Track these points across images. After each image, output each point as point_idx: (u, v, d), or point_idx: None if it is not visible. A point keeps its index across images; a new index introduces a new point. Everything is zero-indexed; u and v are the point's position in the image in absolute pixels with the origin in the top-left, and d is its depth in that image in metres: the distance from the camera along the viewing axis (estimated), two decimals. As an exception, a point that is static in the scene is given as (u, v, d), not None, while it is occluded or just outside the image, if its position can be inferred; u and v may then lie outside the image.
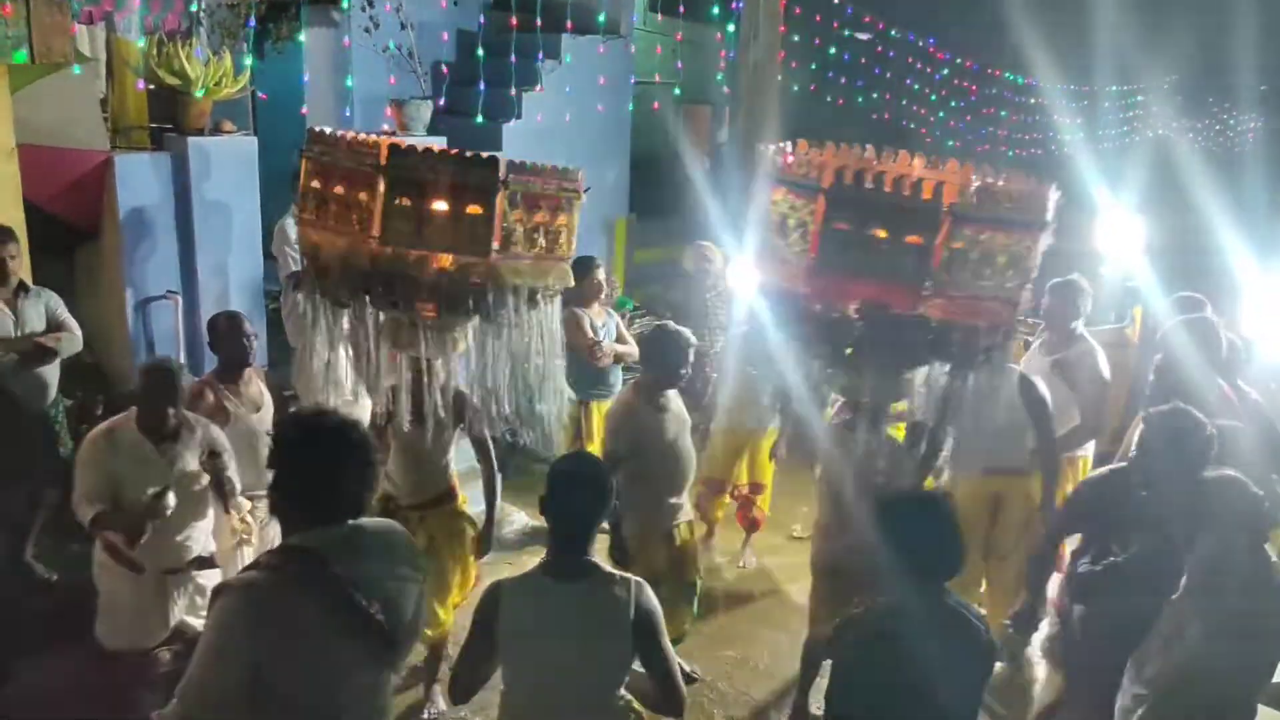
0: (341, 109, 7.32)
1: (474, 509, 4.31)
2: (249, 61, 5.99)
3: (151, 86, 5.61)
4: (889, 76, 12.10)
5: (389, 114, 7.03)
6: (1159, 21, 13.40)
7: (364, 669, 2.28)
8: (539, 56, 8.03)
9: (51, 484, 4.62)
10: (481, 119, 7.27)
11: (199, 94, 5.51)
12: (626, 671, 2.66)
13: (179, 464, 3.74)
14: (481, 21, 7.63)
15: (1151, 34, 13.31)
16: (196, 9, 6.09)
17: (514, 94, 7.76)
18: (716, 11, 8.74)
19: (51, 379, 4.77)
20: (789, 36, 8.99)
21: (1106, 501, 3.66)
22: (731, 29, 8.68)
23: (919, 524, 2.71)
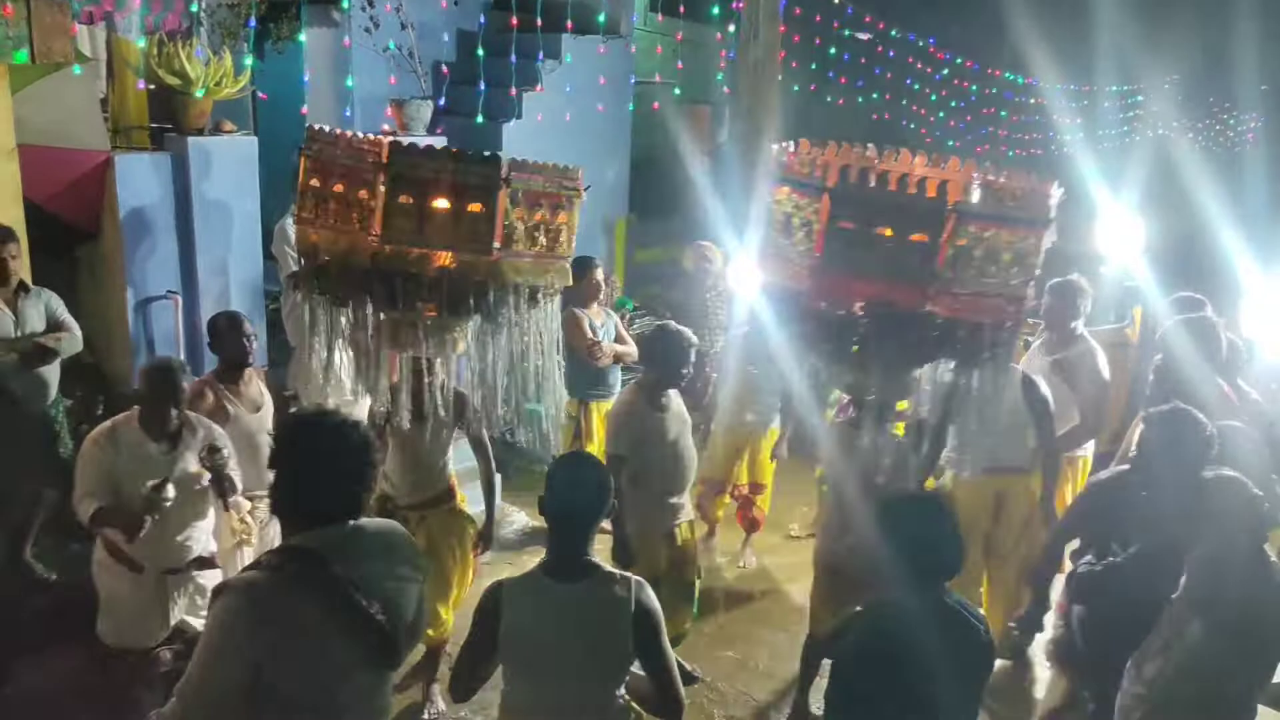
0: (342, 109, 7.31)
1: (473, 509, 4.32)
2: (249, 61, 5.98)
3: (152, 86, 5.60)
4: (889, 76, 12.09)
5: (389, 114, 7.03)
6: (1159, 21, 13.40)
7: (364, 669, 2.28)
8: (539, 56, 8.03)
9: (51, 484, 4.63)
10: (481, 119, 7.26)
11: (199, 94, 5.51)
12: (626, 671, 2.66)
13: (180, 464, 3.74)
14: (482, 21, 7.62)
15: (1152, 34, 13.31)
16: (197, 9, 6.08)
17: (514, 94, 7.76)
18: (716, 11, 8.74)
19: (52, 379, 4.78)
20: (789, 36, 8.98)
21: (1113, 505, 3.66)
22: (731, 29, 8.67)
23: (918, 524, 2.71)
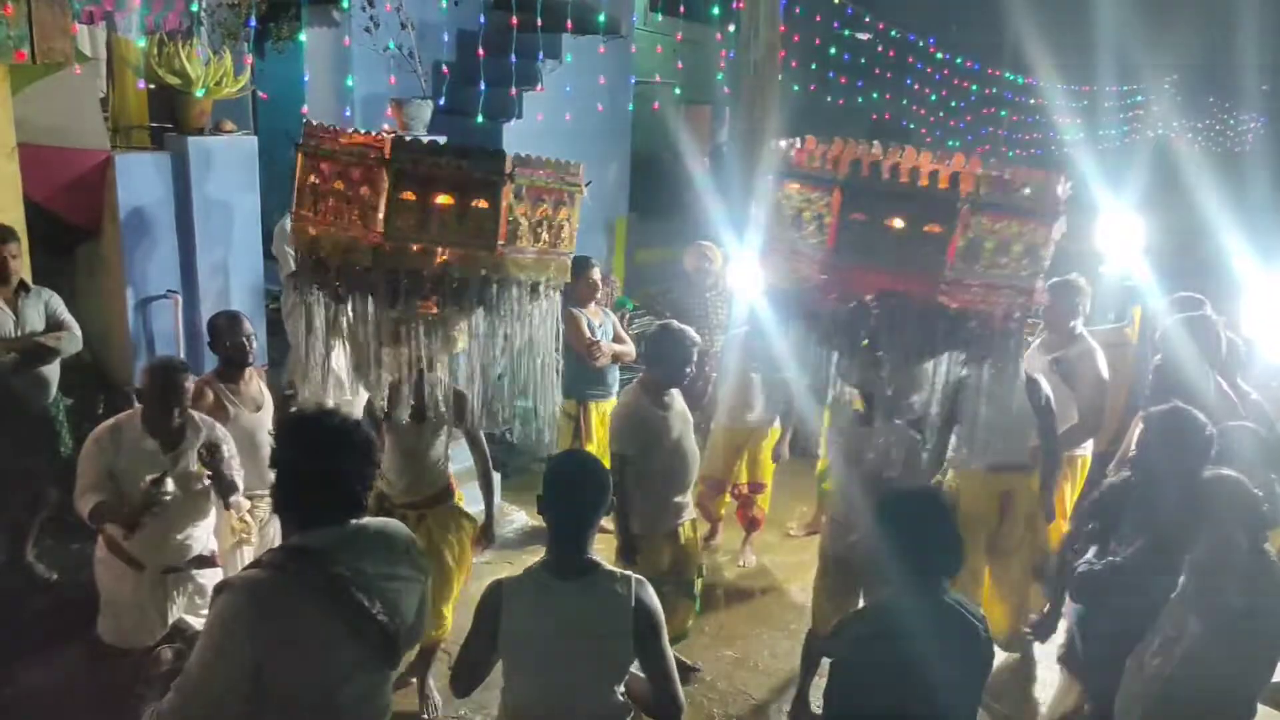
0: (342, 109, 7.32)
1: (472, 508, 4.32)
2: (250, 61, 5.98)
3: (152, 86, 5.60)
4: (889, 76, 12.10)
5: (389, 114, 7.03)
6: (1159, 21, 13.40)
7: (365, 669, 2.28)
8: (539, 56, 8.03)
9: (52, 483, 4.63)
10: (482, 118, 7.27)
11: (199, 93, 5.51)
12: (626, 670, 2.66)
13: (182, 462, 3.73)
14: (481, 21, 7.63)
15: (1152, 33, 13.32)
16: (197, 8, 6.08)
17: (514, 94, 7.76)
18: (717, 11, 8.74)
19: (52, 378, 4.77)
20: (789, 36, 8.98)
21: (1121, 506, 3.65)
22: (731, 29, 8.68)
23: (918, 523, 2.71)
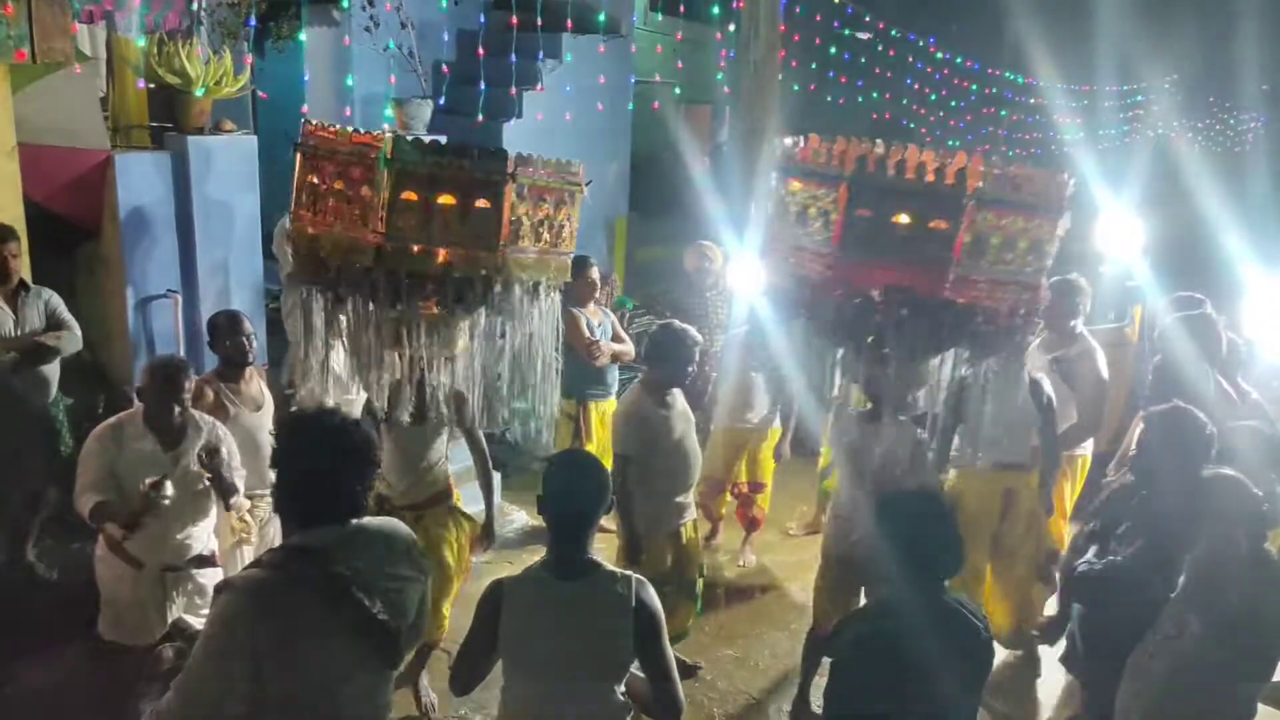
0: (342, 108, 7.32)
1: (470, 508, 4.31)
2: (249, 60, 5.98)
3: (152, 85, 5.60)
4: (889, 76, 12.10)
5: (389, 113, 7.04)
6: (1160, 21, 13.41)
7: (365, 668, 2.28)
8: (539, 56, 8.03)
9: (53, 483, 4.63)
10: (482, 118, 7.27)
11: (199, 93, 5.51)
12: (626, 670, 2.66)
13: (183, 461, 3.73)
14: (482, 21, 7.63)
15: (1152, 33, 13.32)
16: (197, 8, 6.08)
17: (514, 93, 7.76)
18: (717, 11, 8.75)
19: (52, 377, 4.78)
20: (789, 35, 8.99)
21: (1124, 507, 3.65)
22: (732, 28, 8.68)
23: (918, 523, 2.71)
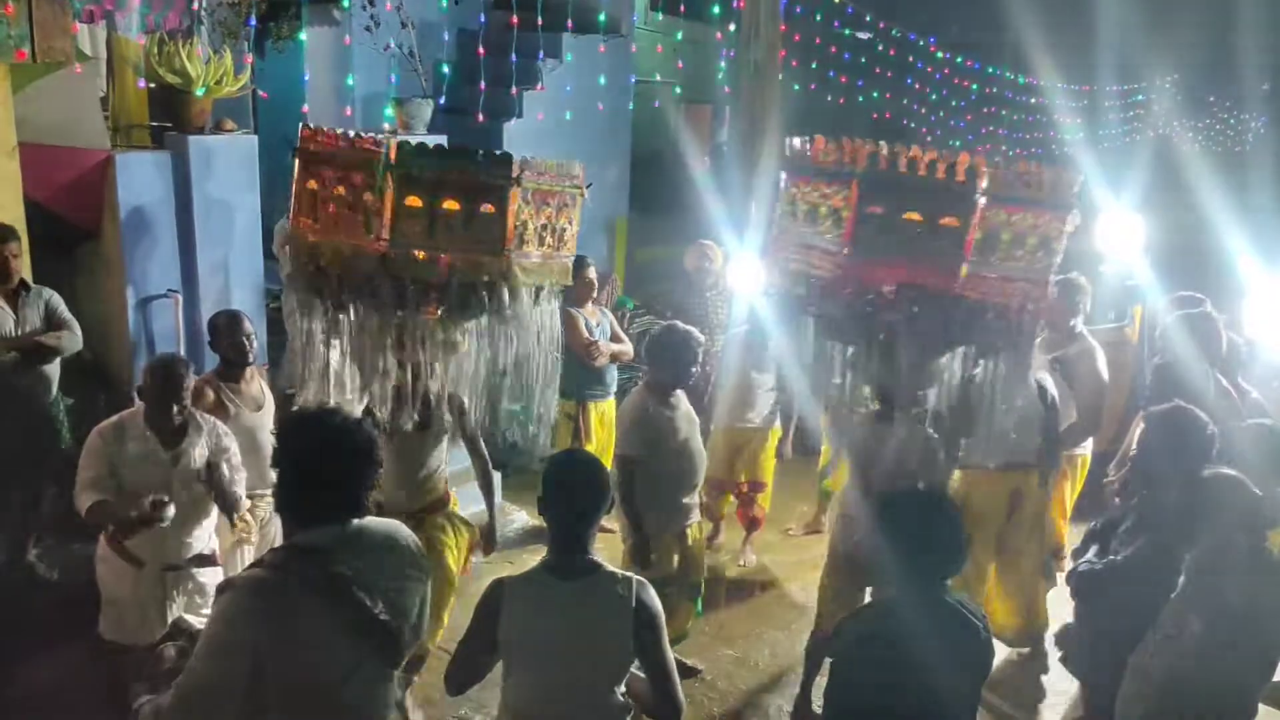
0: (342, 108, 7.31)
1: (473, 508, 4.31)
2: (250, 60, 5.98)
3: (152, 85, 5.59)
4: (889, 76, 12.09)
5: (390, 113, 7.03)
6: (1160, 20, 13.40)
7: (367, 668, 2.28)
8: (540, 55, 8.03)
9: (53, 483, 4.63)
10: (482, 118, 7.26)
11: (200, 92, 5.51)
12: (626, 670, 2.66)
13: (184, 460, 3.72)
14: (482, 20, 7.62)
15: (1153, 33, 13.31)
16: (197, 7, 6.08)
17: (515, 93, 7.76)
18: (717, 10, 8.74)
19: (53, 377, 4.78)
20: (789, 35, 8.98)
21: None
22: (732, 28, 8.67)
23: (918, 523, 2.71)
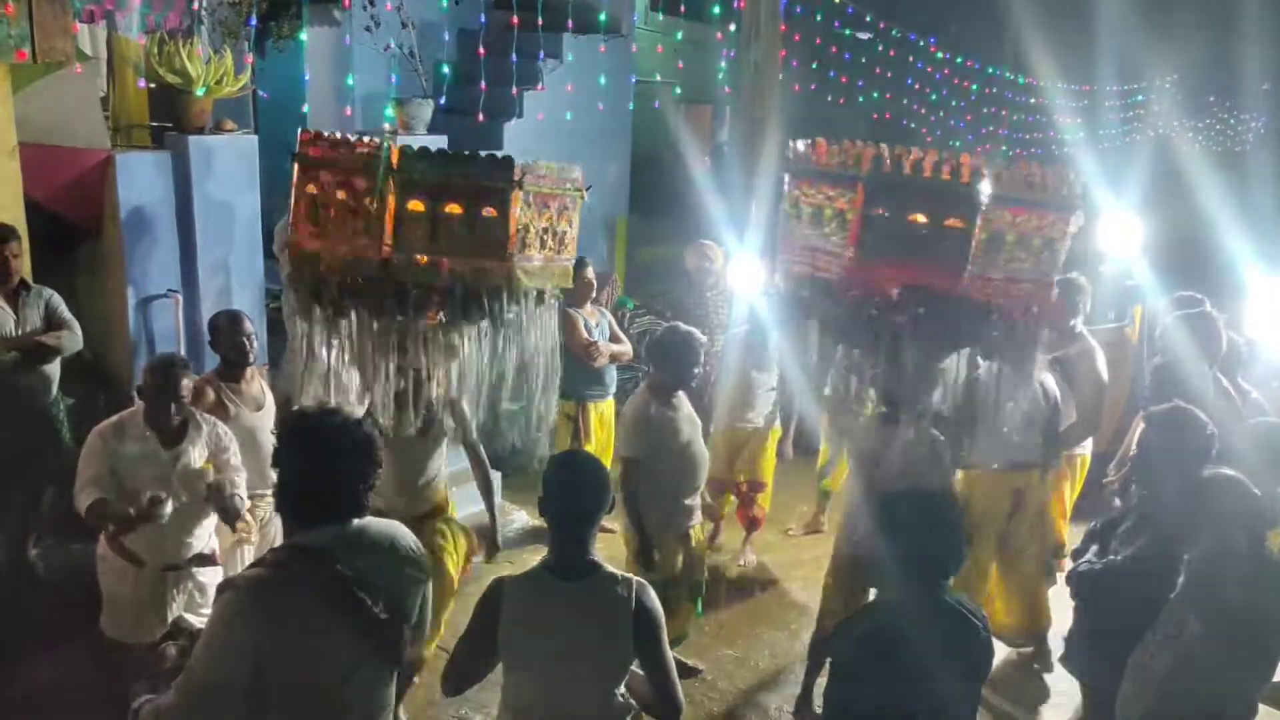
0: (342, 108, 7.31)
1: (473, 508, 4.31)
2: (250, 60, 5.98)
3: (152, 85, 5.59)
4: (889, 76, 12.08)
5: (390, 113, 7.03)
6: (1159, 20, 13.40)
7: (367, 667, 2.29)
8: (540, 55, 8.03)
9: (53, 482, 4.63)
10: (482, 118, 7.26)
11: (200, 92, 5.51)
12: (626, 670, 2.66)
13: (184, 460, 3.73)
14: (482, 20, 7.62)
15: (1153, 33, 13.31)
16: (197, 7, 6.07)
17: (515, 93, 7.76)
18: (717, 10, 8.74)
19: (53, 377, 4.78)
20: (790, 35, 8.98)
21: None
22: (732, 28, 8.67)
23: (919, 523, 2.71)
